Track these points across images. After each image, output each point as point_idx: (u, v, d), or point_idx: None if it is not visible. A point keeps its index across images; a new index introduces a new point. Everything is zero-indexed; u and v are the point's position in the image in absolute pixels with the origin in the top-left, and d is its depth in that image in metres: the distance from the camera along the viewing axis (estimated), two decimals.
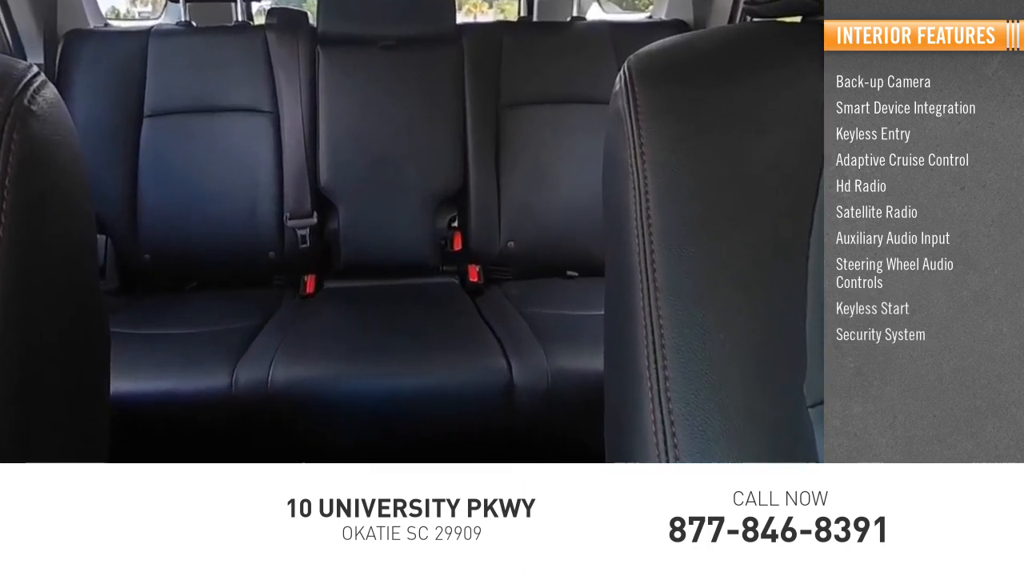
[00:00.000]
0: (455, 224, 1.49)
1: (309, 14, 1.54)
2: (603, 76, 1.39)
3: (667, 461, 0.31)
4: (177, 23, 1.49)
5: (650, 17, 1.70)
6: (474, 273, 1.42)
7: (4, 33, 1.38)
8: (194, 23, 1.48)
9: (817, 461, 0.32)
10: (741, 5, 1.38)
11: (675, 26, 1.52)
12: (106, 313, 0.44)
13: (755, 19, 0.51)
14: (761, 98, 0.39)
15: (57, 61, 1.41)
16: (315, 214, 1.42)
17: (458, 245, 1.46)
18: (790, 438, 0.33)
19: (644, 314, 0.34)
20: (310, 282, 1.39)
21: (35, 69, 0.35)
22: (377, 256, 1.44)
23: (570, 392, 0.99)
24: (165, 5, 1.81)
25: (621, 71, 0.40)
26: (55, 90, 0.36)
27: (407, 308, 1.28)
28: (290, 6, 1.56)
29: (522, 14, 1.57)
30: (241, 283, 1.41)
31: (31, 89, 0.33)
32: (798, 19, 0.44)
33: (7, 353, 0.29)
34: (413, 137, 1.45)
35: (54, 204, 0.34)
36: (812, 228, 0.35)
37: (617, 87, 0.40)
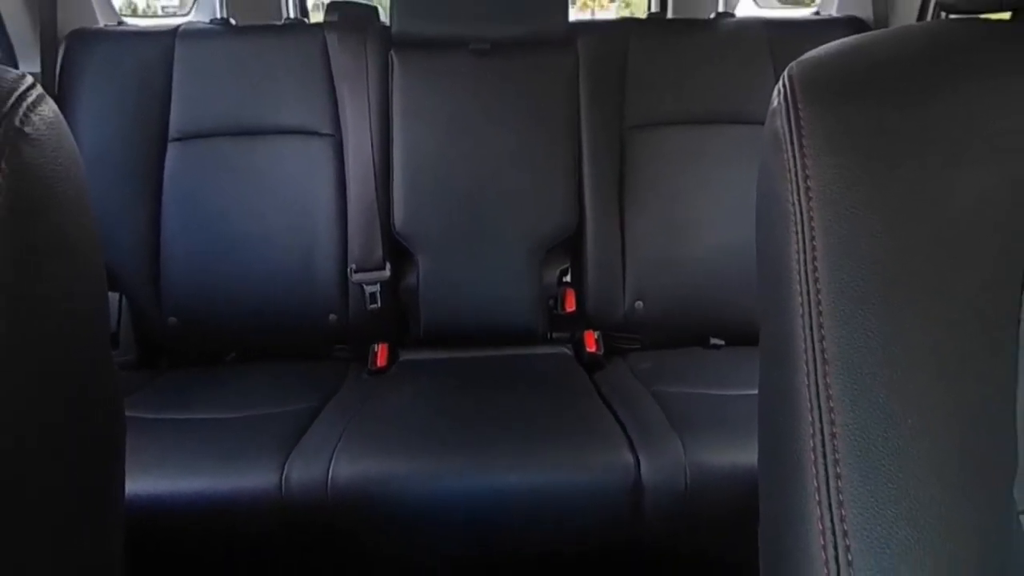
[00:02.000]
0: (567, 279, 1.18)
1: (380, 10, 1.20)
2: (757, 89, 1.12)
3: (838, 570, 0.27)
4: (211, 21, 1.15)
5: (817, 13, 1.39)
6: (592, 341, 1.13)
7: None
8: (233, 21, 1.15)
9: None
10: (933, 1, 1.11)
11: (849, 25, 1.21)
12: (120, 394, 0.34)
13: (952, 16, 0.37)
14: (965, 122, 0.31)
15: (58, 69, 1.08)
16: (388, 266, 1.10)
17: (571, 306, 1.16)
18: (999, 554, 0.28)
19: (810, 394, 0.29)
20: (381, 353, 1.10)
21: (29, 80, 0.27)
22: (467, 320, 1.15)
23: (714, 495, 0.82)
24: (195, 0, 1.47)
25: (780, 83, 0.33)
26: (55, 106, 0.28)
27: (506, 387, 1.03)
28: (355, 0, 1.23)
29: (653, 10, 1.23)
30: (294, 354, 1.13)
31: (24, 106, 0.26)
32: (1007, 16, 0.35)
33: None
34: (513, 168, 1.14)
35: (51, 255, 0.27)
36: None
37: (775, 104, 0.33)
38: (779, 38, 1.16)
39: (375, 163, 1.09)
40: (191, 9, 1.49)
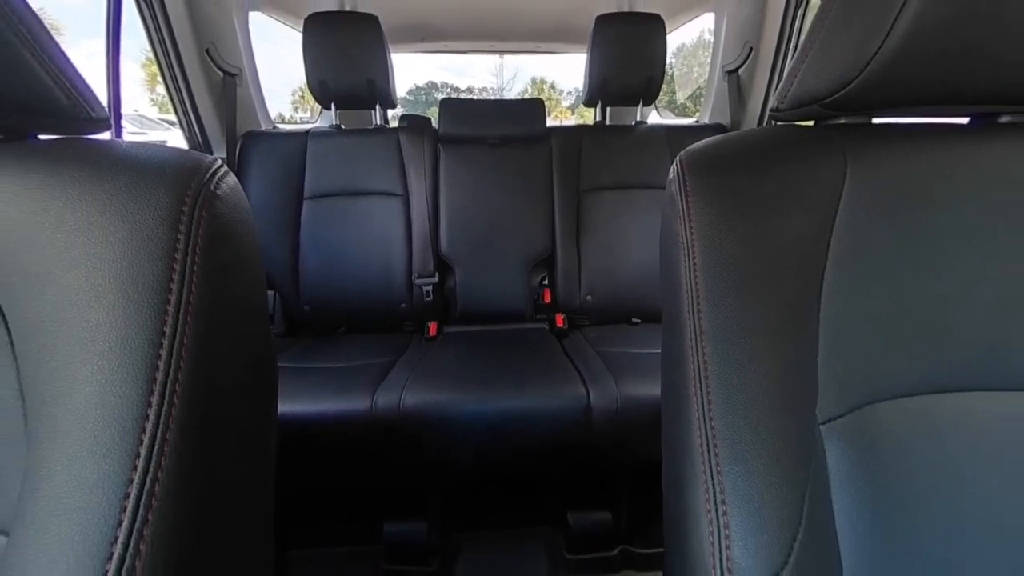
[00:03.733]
0: (545, 282, 1.36)
1: (432, 119, 1.40)
2: (660, 167, 1.31)
3: (709, 465, 0.30)
4: (330, 126, 1.36)
5: (696, 121, 1.59)
6: (560, 320, 1.30)
7: (196, 134, 1.28)
8: (343, 126, 1.36)
9: (827, 469, 0.32)
10: (767, 112, 1.28)
11: (716, 128, 1.41)
12: (275, 354, 0.39)
13: (778, 123, 0.42)
14: (784, 188, 0.36)
15: (237, 155, 1.28)
16: (437, 274, 1.29)
17: (548, 299, 1.34)
18: (806, 449, 0.31)
19: (692, 352, 0.33)
20: (433, 327, 1.27)
21: (219, 162, 0.32)
22: (485, 307, 1.32)
23: (635, 412, 0.91)
24: (320, 112, 1.68)
25: (675, 163, 0.39)
26: (235, 178, 0.33)
27: (508, 347, 1.16)
28: (416, 113, 1.41)
29: (597, 119, 1.42)
30: (379, 328, 1.29)
31: (216, 177, 0.31)
32: (811, 123, 0.41)
33: (196, 393, 0.26)
34: (513, 215, 1.32)
35: (235, 269, 0.31)
36: (822, 289, 0.34)
37: (672, 176, 0.39)
38: (673, 136, 1.33)
39: (429, 212, 1.28)
40: (318, 118, 1.71)
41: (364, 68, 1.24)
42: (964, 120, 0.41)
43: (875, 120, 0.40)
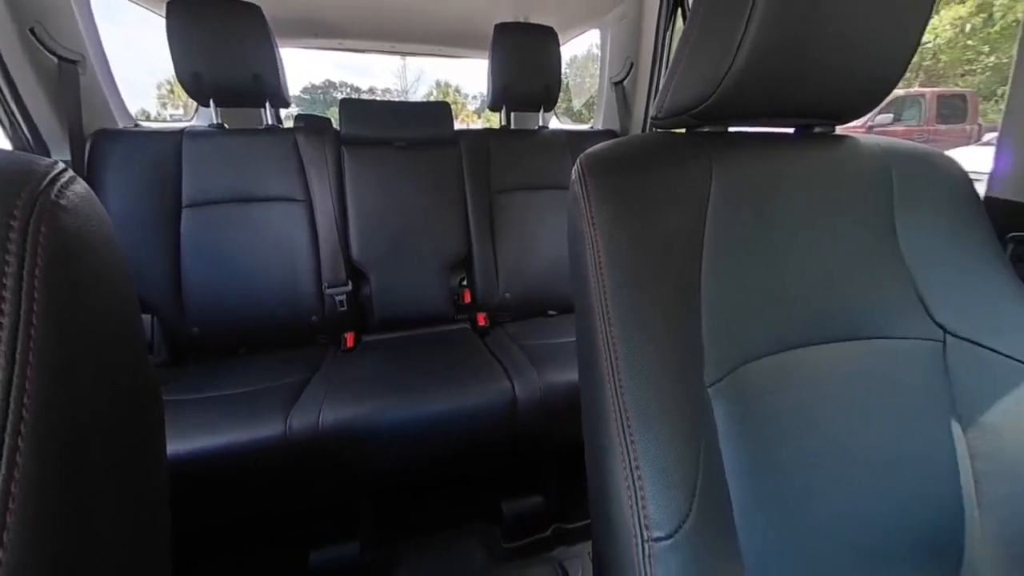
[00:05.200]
0: (464, 283, 1.35)
1: (332, 120, 1.32)
2: (563, 169, 1.38)
3: (623, 435, 0.32)
4: (210, 125, 1.19)
5: (591, 127, 1.69)
6: (482, 319, 1.31)
7: (23, 132, 1.02)
8: (226, 125, 1.20)
9: (715, 425, 0.36)
10: (649, 120, 1.42)
11: (608, 134, 1.53)
12: (158, 383, 0.35)
13: (658, 130, 0.47)
14: (664, 187, 0.39)
15: (87, 158, 1.06)
16: (350, 282, 1.22)
17: (468, 299, 1.34)
18: (698, 410, 0.35)
19: (602, 336, 0.35)
20: (350, 338, 1.20)
21: (60, 165, 0.27)
22: (404, 312, 1.27)
23: (557, 398, 0.94)
24: (196, 109, 1.46)
25: (576, 166, 0.40)
26: (85, 185, 0.29)
27: (431, 350, 1.13)
28: (315, 113, 1.30)
29: (503, 123, 1.45)
30: (288, 345, 1.18)
31: (58, 184, 0.26)
32: (684, 131, 0.46)
33: (52, 430, 0.23)
34: (426, 217, 1.29)
35: (91, 289, 0.27)
36: (701, 273, 0.38)
37: (574, 177, 0.40)
38: (573, 140, 1.41)
39: (336, 217, 1.19)
40: (194, 116, 1.49)
41: (247, 62, 1.12)
42: (791, 130, 0.51)
43: (731, 129, 0.48)
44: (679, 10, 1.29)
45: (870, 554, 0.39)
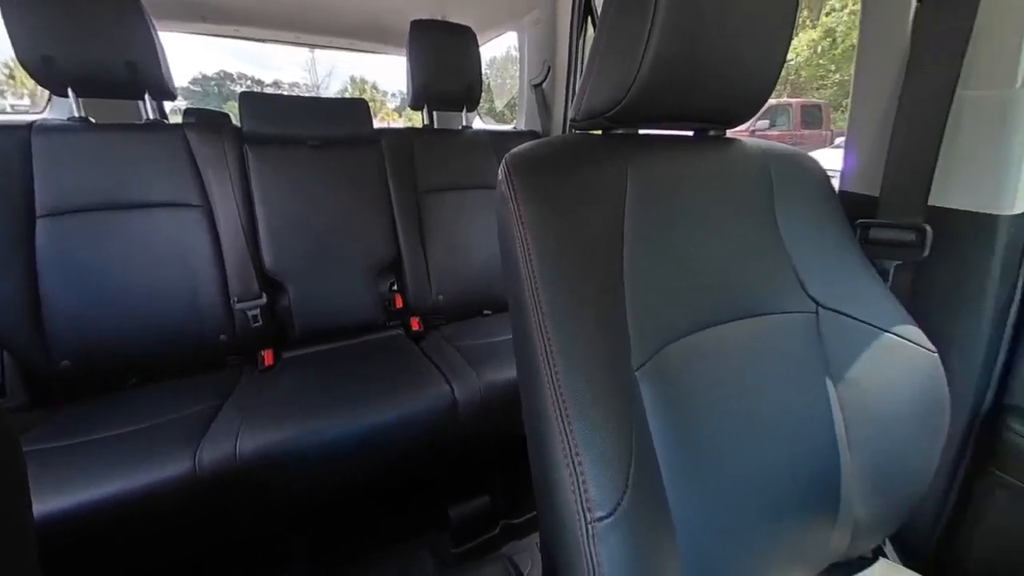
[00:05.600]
0: (395, 288, 1.30)
1: (231, 116, 1.18)
2: (489, 169, 1.38)
3: (562, 424, 0.34)
4: (69, 119, 1.00)
5: (515, 127, 1.71)
6: (415, 323, 1.26)
7: None
8: (92, 119, 1.02)
9: (643, 405, 0.38)
10: (568, 121, 1.47)
11: (531, 134, 1.56)
12: (13, 432, 0.30)
13: (577, 131, 0.50)
14: (587, 185, 0.41)
15: None
16: (264, 295, 1.10)
17: (399, 304, 1.28)
18: (628, 393, 0.37)
19: (537, 331, 0.36)
20: (267, 356, 1.08)
21: None
22: (330, 322, 1.18)
23: (497, 396, 0.94)
24: (49, 99, 1.21)
25: (502, 165, 0.41)
26: None
27: (362, 361, 1.06)
28: (209, 108, 1.14)
29: (426, 122, 1.41)
30: (192, 370, 1.04)
31: None
32: (600, 132, 0.48)
33: None
34: (349, 220, 1.22)
35: None
36: (623, 265, 0.41)
37: (500, 177, 0.41)
38: (497, 140, 1.42)
39: (243, 224, 1.08)
40: (45, 108, 1.23)
41: (117, 46, 0.96)
42: (691, 133, 0.56)
43: (641, 131, 0.51)
44: (589, 18, 1.36)
45: (772, 503, 0.45)
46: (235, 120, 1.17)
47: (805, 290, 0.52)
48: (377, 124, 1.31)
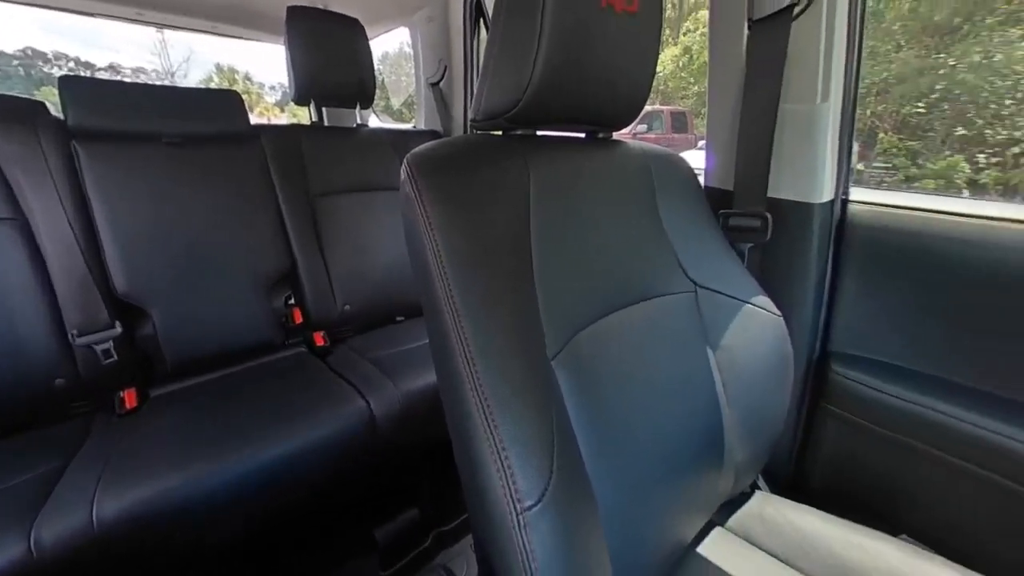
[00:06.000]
0: (291, 301, 1.17)
1: (48, 105, 0.93)
2: (391, 169, 1.32)
3: (485, 421, 0.34)
4: None
5: (414, 126, 1.64)
6: (320, 338, 1.16)
7: None
8: None
9: (561, 389, 0.40)
10: (469, 122, 1.47)
11: (432, 134, 1.51)
12: None
13: (478, 131, 0.52)
14: (490, 184, 0.43)
15: None
16: (117, 324, 0.91)
17: (299, 319, 1.16)
18: (546, 383, 0.38)
19: (454, 332, 0.36)
20: (129, 396, 0.90)
21: None
22: (211, 348, 1.02)
23: (418, 403, 0.92)
24: None
25: (404, 166, 0.41)
26: None
27: (256, 388, 0.94)
28: (13, 94, 0.89)
29: (314, 119, 1.28)
30: (19, 425, 0.83)
31: None
32: (500, 133, 0.50)
33: None
34: (228, 230, 1.06)
35: None
36: (532, 260, 0.43)
37: (403, 177, 0.41)
38: (397, 139, 1.36)
39: (79, 240, 0.88)
40: None
41: None
42: (583, 135, 0.60)
43: (538, 132, 0.54)
44: (481, 20, 1.38)
45: (673, 460, 0.51)
46: (55, 111, 0.94)
47: (685, 273, 0.59)
48: (255, 119, 1.17)
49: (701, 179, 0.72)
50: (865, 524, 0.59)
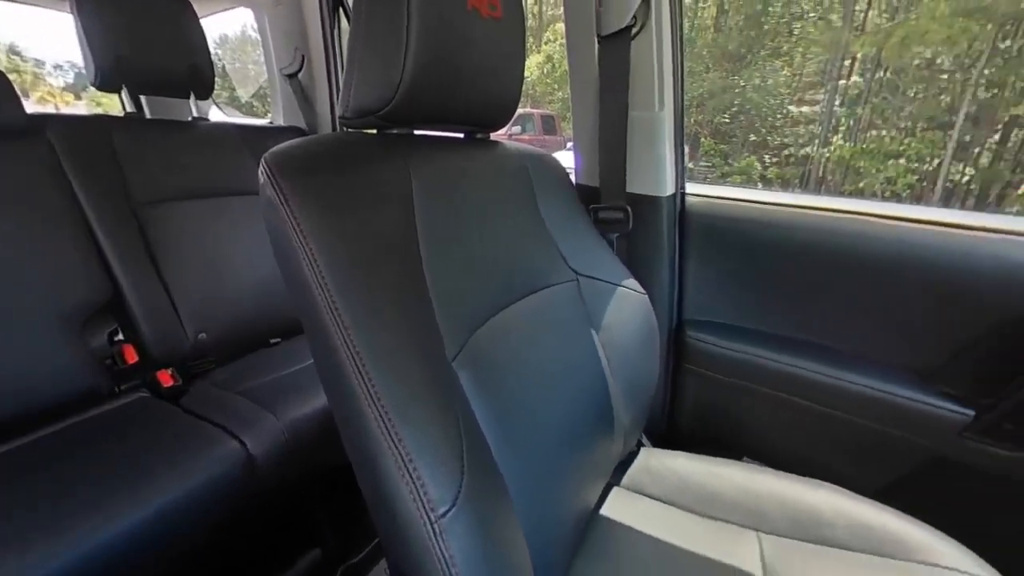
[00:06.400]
0: (119, 337, 0.94)
1: None
2: (245, 170, 1.15)
3: (388, 436, 0.33)
4: None
5: (271, 122, 1.44)
6: (167, 378, 0.95)
7: None
8: None
9: (464, 391, 0.40)
10: (337, 119, 1.31)
11: (294, 131, 1.36)
12: None
13: (350, 129, 0.49)
14: (369, 185, 0.41)
15: None
16: None
17: (133, 358, 0.93)
18: (449, 386, 0.38)
19: (343, 347, 0.34)
20: None
21: None
22: (6, 412, 0.77)
23: (306, 432, 0.82)
24: None
25: (262, 167, 0.38)
26: None
27: (73, 454, 0.75)
28: None
29: (128, 110, 1.03)
30: None
31: None
32: (375, 131, 0.48)
33: None
34: (10, 253, 0.81)
35: None
36: (422, 261, 0.42)
37: (263, 180, 0.38)
38: (251, 137, 1.18)
39: None
40: None
41: None
42: (462, 135, 0.61)
43: (417, 132, 0.52)
44: (340, 9, 1.28)
45: (572, 438, 0.55)
46: None
47: (567, 264, 0.64)
48: (34, 108, 0.90)
49: (572, 177, 0.79)
50: (719, 455, 0.72)
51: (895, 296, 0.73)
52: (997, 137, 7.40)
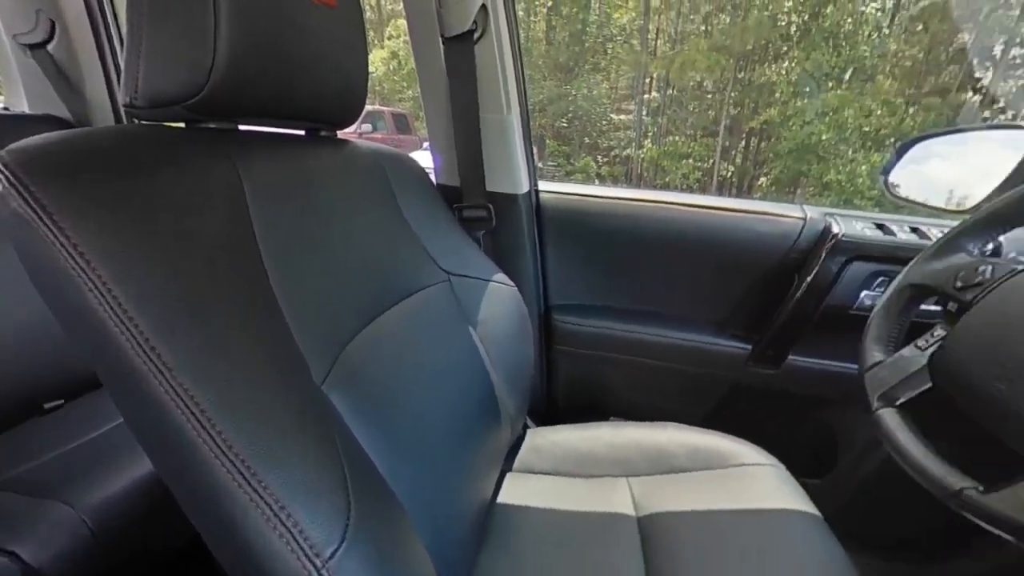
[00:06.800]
0: None
1: None
2: None
3: (251, 488, 0.28)
4: None
5: (7, 109, 1.03)
6: None
7: None
8: None
9: (339, 414, 0.36)
10: (121, 107, 1.07)
11: (52, 121, 1.03)
12: None
13: (141, 121, 0.40)
14: (177, 186, 0.34)
15: None
16: None
17: None
18: (321, 412, 0.34)
19: (171, 396, 0.27)
20: None
21: None
22: None
23: (125, 512, 0.67)
24: None
25: (1, 170, 0.29)
26: None
27: None
28: None
29: None
30: None
31: None
32: (182, 125, 0.40)
33: None
34: None
35: None
36: (268, 276, 0.36)
37: (2, 187, 0.28)
38: None
39: None
40: None
41: None
42: (303, 132, 0.55)
43: (243, 128, 0.45)
44: None
45: (463, 435, 0.56)
46: None
47: (438, 264, 0.64)
48: None
49: (432, 177, 0.78)
50: (592, 420, 0.82)
51: (696, 265, 0.94)
52: (742, 144, 10.29)
